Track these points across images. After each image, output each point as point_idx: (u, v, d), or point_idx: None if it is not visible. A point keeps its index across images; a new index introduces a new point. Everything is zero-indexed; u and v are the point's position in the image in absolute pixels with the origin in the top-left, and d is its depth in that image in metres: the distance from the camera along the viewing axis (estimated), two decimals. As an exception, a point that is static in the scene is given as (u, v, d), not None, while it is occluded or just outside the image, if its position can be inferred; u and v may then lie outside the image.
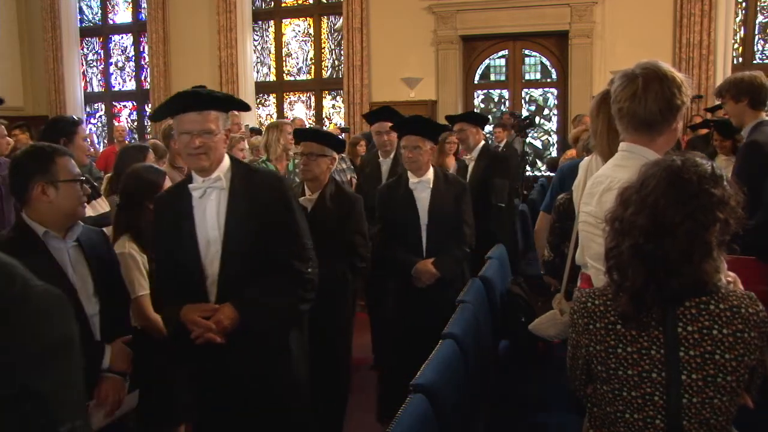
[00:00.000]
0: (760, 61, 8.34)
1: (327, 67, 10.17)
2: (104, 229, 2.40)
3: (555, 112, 9.34)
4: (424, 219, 3.32)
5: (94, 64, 11.23)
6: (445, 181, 3.41)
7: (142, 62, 10.79)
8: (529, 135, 8.45)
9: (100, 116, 11.28)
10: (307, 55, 10.27)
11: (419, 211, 3.32)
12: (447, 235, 3.31)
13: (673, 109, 1.77)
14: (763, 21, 8.47)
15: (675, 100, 1.76)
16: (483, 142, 4.42)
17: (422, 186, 3.33)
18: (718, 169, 1.41)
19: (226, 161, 2.20)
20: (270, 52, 10.38)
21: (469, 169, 4.26)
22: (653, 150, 1.80)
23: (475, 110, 9.33)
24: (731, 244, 1.40)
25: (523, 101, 9.35)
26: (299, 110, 10.37)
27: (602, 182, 1.86)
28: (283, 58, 10.32)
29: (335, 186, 3.13)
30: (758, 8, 8.44)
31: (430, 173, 3.37)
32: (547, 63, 9.17)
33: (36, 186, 1.95)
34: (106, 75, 11.14)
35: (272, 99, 10.51)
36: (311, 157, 3.01)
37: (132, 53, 10.98)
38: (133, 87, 11.02)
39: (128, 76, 11.11)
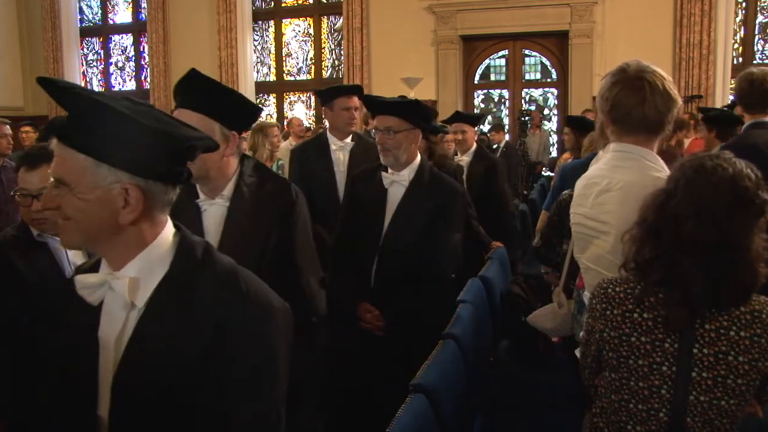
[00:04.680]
0: (760, 61, 8.33)
1: (327, 67, 10.16)
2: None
3: (555, 112, 9.33)
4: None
5: (94, 64, 11.23)
6: None
7: (142, 62, 10.79)
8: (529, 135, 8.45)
9: (100, 116, 11.28)
10: (307, 55, 10.26)
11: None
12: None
13: (673, 108, 1.78)
14: (763, 21, 8.46)
15: (677, 100, 1.77)
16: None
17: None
18: (755, 169, 1.42)
19: None
20: (270, 52, 10.37)
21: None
22: (649, 149, 1.80)
23: (475, 110, 9.36)
24: None
25: (523, 101, 9.34)
26: (299, 110, 10.36)
27: (598, 183, 1.83)
28: (283, 58, 10.31)
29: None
30: (758, 8, 8.43)
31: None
32: (547, 63, 9.17)
33: None
34: (106, 75, 11.13)
35: (272, 99, 10.50)
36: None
37: (132, 53, 10.98)
38: (133, 87, 11.01)
39: (128, 76, 11.11)
